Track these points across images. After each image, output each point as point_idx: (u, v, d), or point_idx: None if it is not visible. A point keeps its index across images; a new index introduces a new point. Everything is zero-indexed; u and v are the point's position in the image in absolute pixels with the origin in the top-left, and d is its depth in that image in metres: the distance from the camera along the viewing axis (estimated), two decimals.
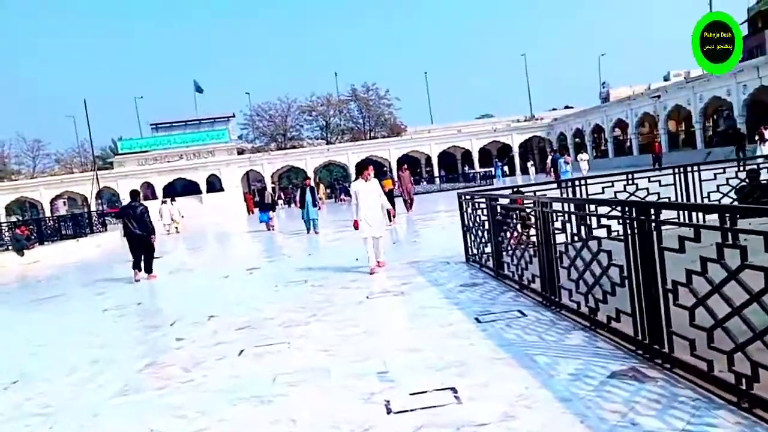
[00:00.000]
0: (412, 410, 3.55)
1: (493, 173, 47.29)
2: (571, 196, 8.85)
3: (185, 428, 3.68)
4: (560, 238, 5.27)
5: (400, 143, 57.90)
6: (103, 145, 70.24)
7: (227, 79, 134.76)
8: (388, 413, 3.55)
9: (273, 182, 57.23)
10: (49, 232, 22.92)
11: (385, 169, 54.86)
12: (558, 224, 5.28)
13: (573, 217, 5.29)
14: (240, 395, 4.16)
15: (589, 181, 9.04)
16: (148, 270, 11.23)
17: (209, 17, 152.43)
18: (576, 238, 5.00)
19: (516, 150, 57.61)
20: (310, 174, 55.80)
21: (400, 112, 68.15)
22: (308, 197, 16.55)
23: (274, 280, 9.29)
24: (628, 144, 48.20)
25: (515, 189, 8.96)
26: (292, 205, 45.43)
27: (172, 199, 31.61)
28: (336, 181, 55.97)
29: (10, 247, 19.37)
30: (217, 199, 51.96)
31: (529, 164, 41.34)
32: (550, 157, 31.88)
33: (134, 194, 11.98)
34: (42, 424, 4.06)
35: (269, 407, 3.88)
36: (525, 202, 6.33)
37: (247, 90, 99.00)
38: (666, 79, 77.79)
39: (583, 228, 4.84)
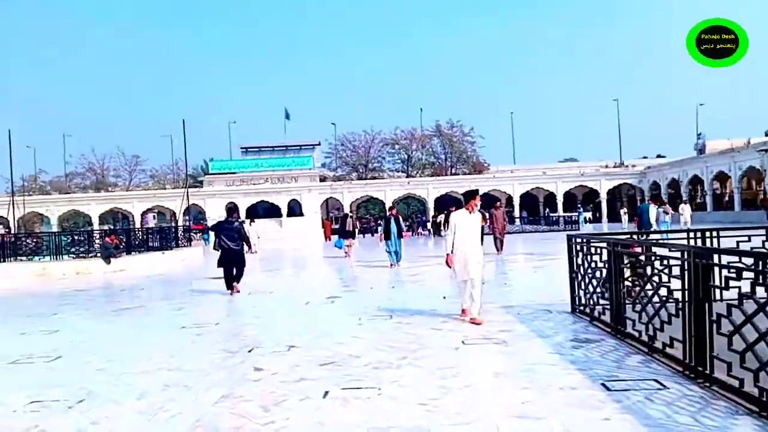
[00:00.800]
0: None
1: (576, 218, 45.22)
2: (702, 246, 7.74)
3: None
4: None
5: (482, 181, 56.80)
6: (195, 164, 73.24)
7: (316, 108, 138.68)
8: None
9: (351, 211, 57.50)
10: (137, 242, 23.58)
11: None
12: (716, 279, 4.35)
13: (742, 273, 4.34)
14: None
15: (720, 233, 7.91)
16: (237, 280, 11.46)
17: (305, 53, 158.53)
18: (742, 299, 4.06)
19: (603, 196, 55.14)
20: (389, 206, 55.77)
21: (483, 150, 67.18)
22: (393, 227, 15.76)
23: (356, 312, 8.66)
24: (727, 198, 45.04)
25: (630, 236, 8.00)
26: (367, 235, 45.32)
27: (252, 220, 32.11)
28: (414, 215, 55.47)
29: (98, 255, 19.94)
30: (297, 223, 52.75)
31: (621, 211, 39.01)
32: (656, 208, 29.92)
33: (231, 210, 12.14)
34: None
35: None
36: (670, 250, 5.35)
37: (334, 120, 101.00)
38: (767, 133, 72.73)
39: (759, 288, 3.89)
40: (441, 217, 37.09)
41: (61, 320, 9.29)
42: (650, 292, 5.59)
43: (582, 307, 7.52)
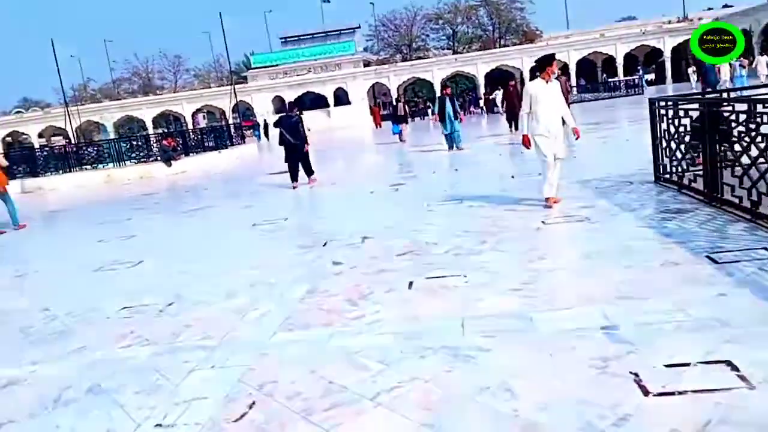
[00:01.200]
0: (679, 393, 2.55)
1: (637, 82, 42.46)
2: None
3: (371, 386, 2.97)
4: None
5: (535, 50, 53.66)
6: (237, 60, 72.27)
7: None
8: (646, 395, 2.58)
9: (398, 95, 56.11)
10: (193, 144, 23.82)
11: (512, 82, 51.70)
12: None
13: None
14: (426, 344, 3.37)
15: None
16: (309, 173, 11.64)
17: None
18: None
19: (667, 55, 51.47)
20: (437, 86, 53.95)
21: (533, 17, 62.99)
22: (448, 108, 14.77)
23: (423, 198, 8.45)
24: None
25: (720, 95, 7.28)
26: (416, 118, 44.34)
27: (300, 112, 32.04)
28: (465, 93, 53.64)
29: (158, 158, 20.28)
30: (344, 112, 52.05)
31: (690, 71, 36.06)
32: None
33: (292, 105, 12.36)
34: (204, 361, 3.56)
35: (470, 367, 3.07)
36: None
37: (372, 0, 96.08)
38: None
39: None
40: (497, 94, 35.67)
41: (136, 225, 9.51)
42: (754, 154, 5.07)
43: (668, 176, 7.04)
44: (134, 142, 22.72)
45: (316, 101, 56.12)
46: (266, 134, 43.26)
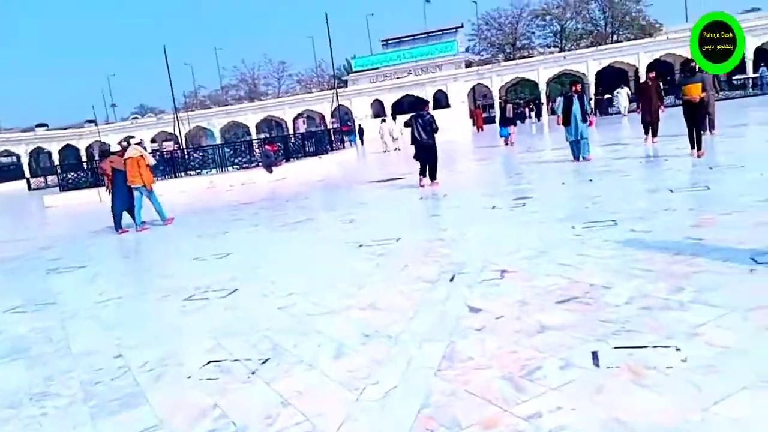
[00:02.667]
0: None
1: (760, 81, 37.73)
2: None
3: None
4: None
5: (652, 46, 49.72)
6: (338, 64, 72.97)
7: None
8: None
9: (501, 96, 54.00)
10: (294, 149, 23.45)
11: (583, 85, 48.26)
12: None
13: None
14: None
15: None
16: (433, 177, 11.60)
17: None
18: None
19: None
20: (542, 86, 51.31)
21: (651, 9, 58.51)
22: (575, 109, 12.27)
23: (562, 218, 6.99)
24: None
25: None
26: (517, 122, 41.99)
27: (393, 118, 31.24)
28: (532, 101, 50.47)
29: (260, 164, 19.95)
30: (444, 115, 50.59)
31: None
32: None
33: (422, 103, 12.14)
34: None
35: None
36: None
37: None
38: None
39: None
40: (618, 92, 33.02)
41: (233, 239, 8.73)
42: None
43: None
44: (237, 148, 22.67)
45: (414, 104, 55.01)
46: (362, 139, 42.71)
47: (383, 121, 30.90)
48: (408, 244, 6.80)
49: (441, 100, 53.72)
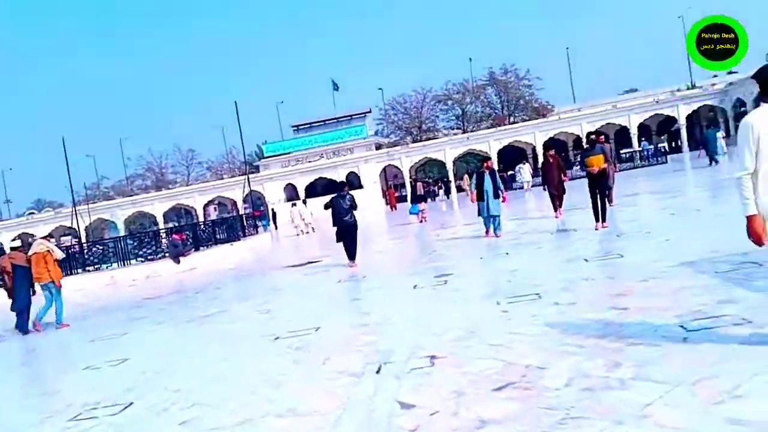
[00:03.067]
0: None
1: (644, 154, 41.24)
2: None
3: None
4: None
5: (546, 125, 53.49)
6: (249, 150, 72.99)
7: (361, 75, 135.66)
8: None
9: (411, 176, 55.57)
10: (204, 237, 22.50)
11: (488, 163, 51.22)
12: None
13: None
14: None
15: None
16: (352, 257, 11.50)
17: (341, 18, 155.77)
18: None
19: (682, 122, 50.79)
20: (449, 165, 53.36)
21: (542, 92, 63.31)
22: (487, 185, 12.09)
23: (486, 294, 6.81)
24: None
25: None
26: (428, 199, 43.18)
27: (303, 201, 31.65)
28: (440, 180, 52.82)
29: (167, 254, 18.86)
30: (357, 195, 50.99)
31: (719, 134, 33.43)
32: None
33: (341, 184, 12.25)
34: None
35: None
36: None
37: (381, 85, 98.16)
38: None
39: None
40: (521, 168, 34.85)
41: (133, 342, 7.85)
42: None
43: None
44: (142, 239, 21.44)
45: (328, 186, 55.52)
46: (275, 223, 42.29)
47: (293, 204, 31.35)
48: (328, 333, 6.31)
49: (353, 182, 54.40)
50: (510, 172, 42.00)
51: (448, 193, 41.81)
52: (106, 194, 71.07)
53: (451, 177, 52.49)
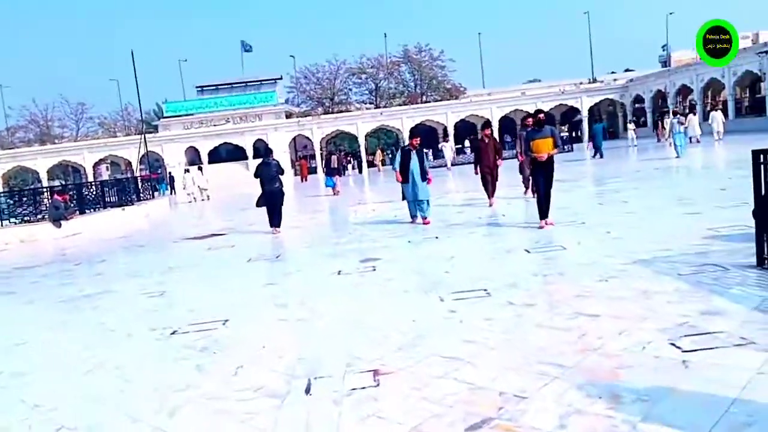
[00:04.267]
0: None
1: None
2: None
3: None
4: None
5: (458, 107, 53.81)
6: (147, 108, 68.07)
7: (273, 41, 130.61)
8: None
9: (321, 148, 54.13)
10: (91, 199, 20.19)
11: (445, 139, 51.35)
12: None
13: None
14: None
15: None
16: (277, 224, 11.73)
17: None
18: None
19: (585, 114, 52.84)
20: (361, 139, 52.39)
21: (454, 75, 63.55)
22: (414, 165, 10.66)
23: (425, 287, 5.98)
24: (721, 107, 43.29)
25: None
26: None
27: (199, 167, 30.57)
28: (392, 147, 52.25)
29: (47, 217, 16.62)
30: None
31: (630, 126, 34.62)
32: (670, 119, 27.77)
33: (268, 150, 12.59)
34: None
35: None
36: None
37: (293, 52, 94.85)
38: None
39: None
40: (445, 145, 34.80)
41: None
42: None
43: None
44: (20, 197, 18.87)
45: (233, 153, 52.92)
46: (173, 188, 39.69)
47: (186, 170, 29.99)
48: (239, 329, 5.20)
49: (260, 150, 52.18)
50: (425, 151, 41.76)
51: (360, 168, 40.87)
52: None
53: (363, 151, 51.65)
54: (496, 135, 51.06)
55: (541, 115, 8.89)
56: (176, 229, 15.54)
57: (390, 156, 49.05)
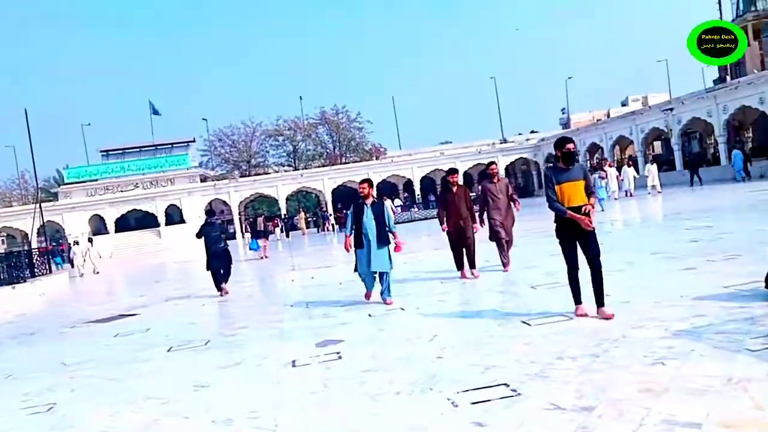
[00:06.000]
0: None
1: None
2: None
3: None
4: None
5: (380, 167, 53.54)
6: (47, 175, 63.36)
7: (183, 104, 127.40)
8: None
9: (240, 212, 51.84)
10: None
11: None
12: None
13: None
14: None
15: None
16: (225, 280, 11.56)
17: (160, 35, 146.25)
18: None
19: (502, 173, 53.98)
20: (282, 203, 50.63)
21: (372, 136, 63.90)
22: (368, 221, 7.91)
23: (422, 382, 4.52)
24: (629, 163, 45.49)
25: None
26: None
27: (89, 239, 28.61)
28: (318, 210, 50.70)
29: None
30: (178, 231, 46.17)
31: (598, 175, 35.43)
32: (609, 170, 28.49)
33: (210, 212, 12.32)
34: None
35: None
36: None
37: (205, 115, 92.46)
38: (624, 104, 75.97)
39: None
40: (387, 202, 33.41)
41: None
42: None
43: None
44: None
45: (143, 220, 49.53)
46: (71, 261, 34.26)
47: (76, 243, 27.83)
48: None
49: (174, 216, 49.18)
50: (346, 211, 40.70)
51: (287, 231, 38.95)
52: None
53: (283, 215, 49.88)
54: (417, 193, 51.74)
55: (571, 145, 5.83)
56: (76, 310, 13.15)
57: (314, 218, 47.57)
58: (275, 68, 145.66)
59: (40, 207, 33.76)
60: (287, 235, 38.37)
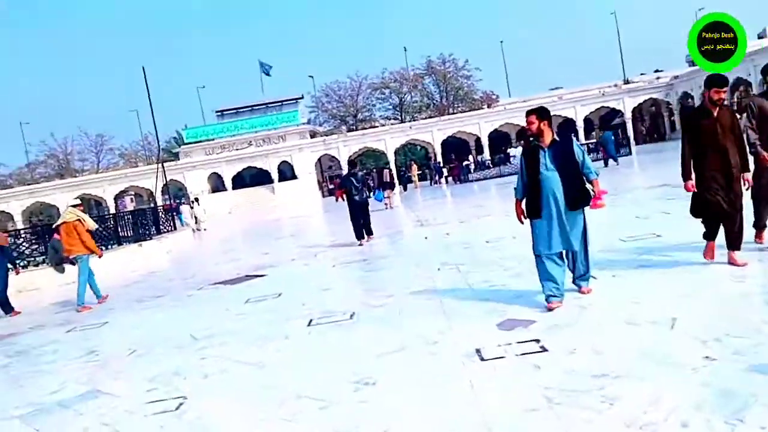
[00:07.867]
0: None
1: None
2: None
3: None
4: None
5: (492, 116, 50.76)
6: (168, 136, 66.39)
7: (290, 62, 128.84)
8: None
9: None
10: (104, 234, 17.51)
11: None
12: None
13: None
14: None
15: None
16: (369, 232, 11.95)
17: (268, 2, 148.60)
18: None
19: (628, 116, 49.43)
20: (390, 156, 49.56)
21: (481, 84, 60.64)
22: (548, 174, 4.99)
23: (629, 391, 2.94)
24: None
25: None
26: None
27: (196, 200, 29.23)
28: (432, 162, 48.92)
29: (47, 261, 13.92)
30: (291, 187, 46.70)
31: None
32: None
33: (353, 163, 12.80)
34: None
35: None
36: None
37: (312, 73, 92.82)
38: (761, 36, 65.96)
39: None
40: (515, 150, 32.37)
41: None
42: None
43: None
44: (18, 240, 16.26)
45: (257, 177, 50.59)
46: (195, 218, 34.96)
47: (196, 200, 29.28)
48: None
49: (286, 172, 49.76)
50: (466, 162, 38.87)
51: (404, 183, 38.01)
52: (2, 183, 62.61)
53: (393, 168, 48.89)
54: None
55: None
56: (202, 269, 12.69)
57: (431, 171, 45.76)
58: (379, 20, 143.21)
59: (163, 166, 34.93)
60: (404, 188, 37.36)
